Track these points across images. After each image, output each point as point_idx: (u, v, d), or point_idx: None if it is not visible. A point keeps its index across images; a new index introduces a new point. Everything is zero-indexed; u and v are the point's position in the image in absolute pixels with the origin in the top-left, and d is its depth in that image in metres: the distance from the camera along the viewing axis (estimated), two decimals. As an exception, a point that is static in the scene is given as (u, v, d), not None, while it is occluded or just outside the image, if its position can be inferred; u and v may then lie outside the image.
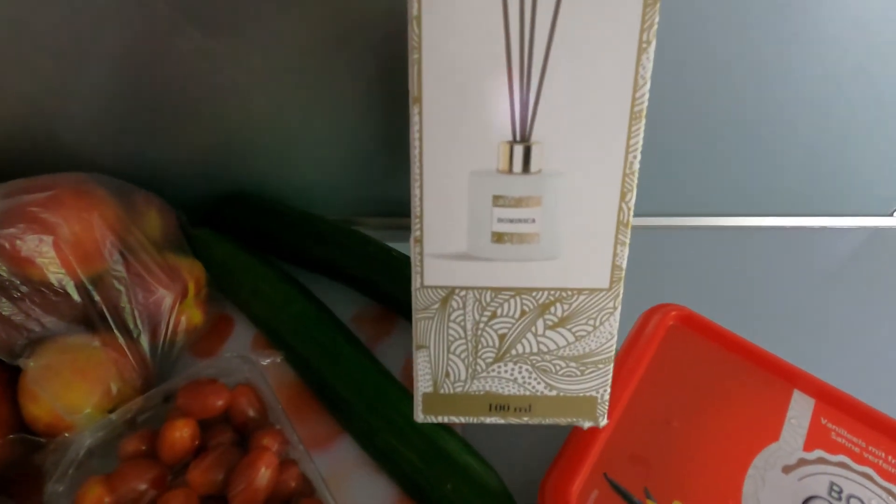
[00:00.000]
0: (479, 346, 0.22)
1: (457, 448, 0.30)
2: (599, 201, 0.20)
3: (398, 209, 0.48)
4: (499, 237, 0.21)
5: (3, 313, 0.28)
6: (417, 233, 0.21)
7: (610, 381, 0.22)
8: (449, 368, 0.23)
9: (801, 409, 0.25)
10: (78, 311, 0.30)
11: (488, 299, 0.21)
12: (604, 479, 0.22)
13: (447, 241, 0.21)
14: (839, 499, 0.22)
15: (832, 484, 0.22)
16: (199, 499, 0.27)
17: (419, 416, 0.25)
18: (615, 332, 0.22)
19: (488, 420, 0.24)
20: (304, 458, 0.29)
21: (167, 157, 0.43)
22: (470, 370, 0.23)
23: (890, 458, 0.23)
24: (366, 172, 0.46)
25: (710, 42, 0.37)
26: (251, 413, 0.31)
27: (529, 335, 0.22)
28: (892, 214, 0.49)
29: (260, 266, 0.38)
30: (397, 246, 0.41)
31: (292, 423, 0.31)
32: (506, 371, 0.23)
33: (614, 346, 0.22)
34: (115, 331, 0.31)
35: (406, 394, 0.33)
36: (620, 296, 0.21)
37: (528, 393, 0.23)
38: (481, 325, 0.22)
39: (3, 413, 0.28)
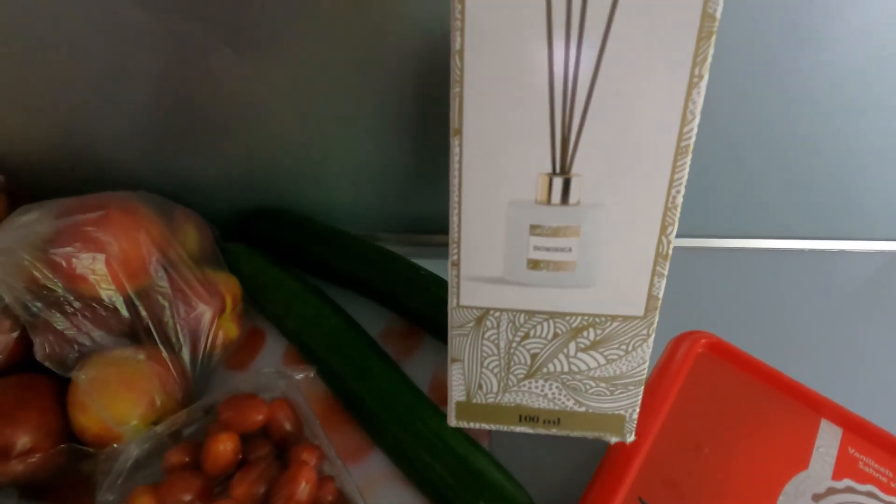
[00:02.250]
0: (512, 363, 0.24)
1: (487, 465, 0.31)
2: (639, 234, 0.20)
3: (423, 226, 0.50)
4: (535, 264, 0.21)
5: (58, 327, 0.29)
6: (455, 257, 0.22)
7: (639, 402, 0.23)
8: (482, 381, 0.25)
9: (828, 438, 0.25)
10: (125, 325, 0.32)
11: (522, 321, 0.23)
12: (639, 502, 0.23)
13: (483, 265, 0.22)
14: (868, 528, 0.23)
15: (861, 513, 0.23)
16: None
17: (452, 422, 0.26)
18: (647, 357, 0.23)
19: (517, 429, 0.26)
20: (341, 473, 0.30)
21: (201, 174, 0.44)
22: (502, 384, 0.25)
23: None
24: (392, 189, 0.47)
25: (737, 71, 0.38)
26: (288, 427, 0.32)
27: (561, 356, 0.23)
28: None
29: (291, 281, 0.39)
30: (420, 261, 0.42)
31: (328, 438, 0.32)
32: (536, 387, 0.24)
33: (646, 370, 0.23)
34: (159, 344, 0.32)
35: (435, 409, 0.34)
36: (655, 324, 0.22)
37: (557, 408, 0.24)
38: (514, 344, 0.23)
39: (54, 423, 0.30)
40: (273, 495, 0.28)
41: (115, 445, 0.29)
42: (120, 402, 0.30)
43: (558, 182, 0.20)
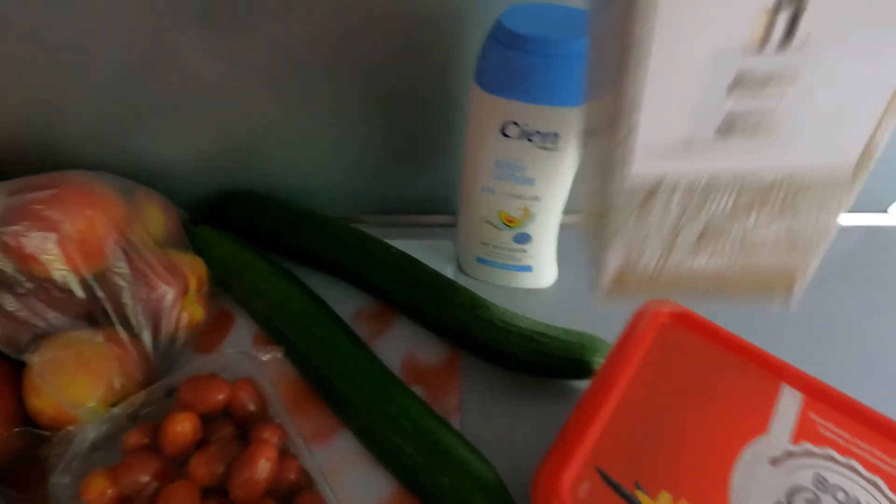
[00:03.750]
0: (679, 236, 0.20)
1: (454, 443, 0.31)
2: (871, 83, 0.16)
3: (398, 207, 0.49)
4: (729, 125, 0.17)
5: (8, 309, 0.29)
6: (628, 124, 0.17)
7: (816, 263, 0.21)
8: (642, 255, 0.21)
9: (789, 402, 0.25)
10: (81, 307, 0.31)
11: (701, 187, 0.19)
12: (595, 471, 0.23)
13: (664, 130, 0.17)
14: (824, 490, 0.22)
15: (818, 475, 0.23)
16: (200, 491, 0.27)
17: (602, 299, 0.23)
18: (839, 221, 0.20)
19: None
20: (303, 452, 0.30)
21: (170, 156, 0.44)
22: (664, 258, 0.21)
23: (875, 451, 0.24)
24: (366, 171, 0.47)
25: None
26: (252, 407, 0.31)
27: (739, 224, 0.20)
28: (886, 211, 0.50)
29: (260, 263, 0.39)
30: (395, 242, 0.42)
31: (292, 418, 0.31)
32: (703, 258, 0.21)
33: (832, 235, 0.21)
34: (118, 326, 0.32)
35: (402, 388, 0.33)
36: (859, 186, 0.19)
37: (721, 276, 0.21)
38: (686, 217, 0.19)
39: (8, 407, 0.29)
40: (232, 474, 0.28)
41: (70, 428, 0.28)
42: (76, 385, 0.30)
43: (784, 19, 0.15)
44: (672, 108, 0.17)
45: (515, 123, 0.30)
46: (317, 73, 0.39)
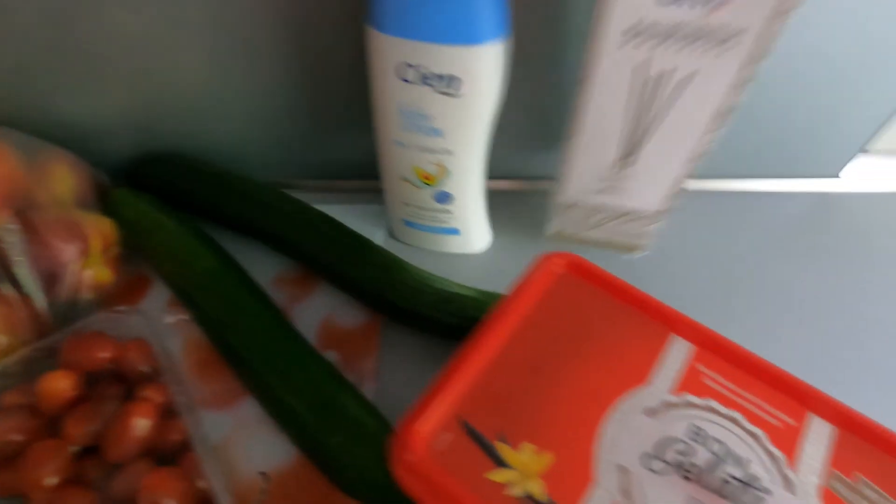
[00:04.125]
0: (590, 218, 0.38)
1: (350, 404, 0.30)
2: (663, 179, 0.34)
3: (333, 172, 0.48)
4: (603, 190, 0.36)
5: None
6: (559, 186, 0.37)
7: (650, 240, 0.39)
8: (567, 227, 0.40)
9: (676, 353, 0.24)
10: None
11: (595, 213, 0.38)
12: (459, 422, 0.21)
13: (578, 183, 0.36)
14: (699, 442, 0.21)
15: (694, 427, 0.21)
16: (74, 450, 0.26)
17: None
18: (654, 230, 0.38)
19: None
20: (192, 414, 0.29)
21: (90, 115, 0.42)
22: (577, 231, 0.40)
23: (763, 403, 0.22)
24: (296, 134, 0.45)
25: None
26: (144, 369, 0.30)
27: (614, 223, 0.38)
28: (838, 176, 0.48)
29: (171, 223, 0.37)
30: (329, 209, 0.40)
31: (197, 382, 0.30)
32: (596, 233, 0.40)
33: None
34: (5, 284, 0.30)
35: (307, 350, 0.32)
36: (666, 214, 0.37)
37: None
38: (593, 222, 0.39)
39: None
40: (106, 430, 0.26)
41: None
42: None
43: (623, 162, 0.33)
44: (580, 182, 0.36)
45: (411, 65, 0.28)
46: (241, 31, 0.37)
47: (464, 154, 0.33)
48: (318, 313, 0.38)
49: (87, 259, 0.34)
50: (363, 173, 0.47)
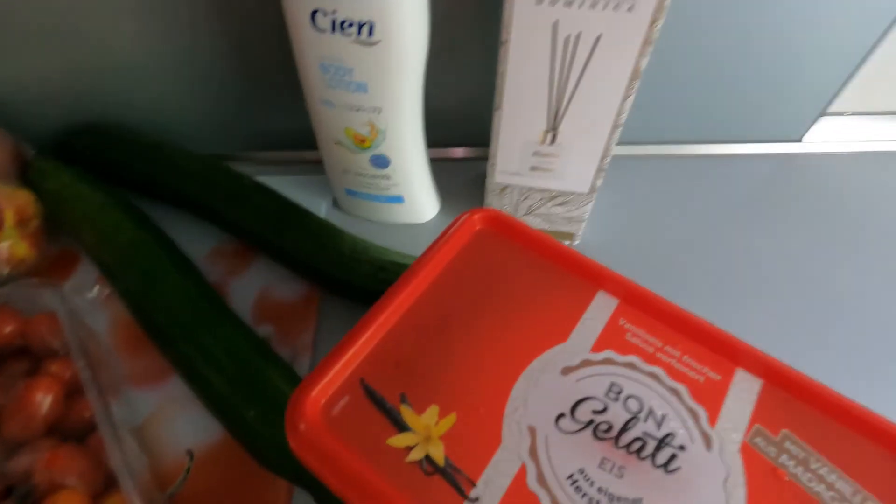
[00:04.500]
0: (518, 208, 0.38)
1: (274, 376, 0.28)
2: (589, 154, 0.32)
3: (274, 143, 0.45)
4: (534, 168, 0.34)
5: None
6: (493, 160, 0.35)
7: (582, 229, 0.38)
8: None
9: (600, 310, 0.22)
10: None
11: (527, 193, 0.36)
12: (359, 384, 0.20)
13: (509, 166, 0.34)
14: (615, 399, 0.20)
15: (612, 384, 0.20)
16: None
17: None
18: (588, 210, 0.36)
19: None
20: (104, 392, 0.27)
21: (10, 82, 0.40)
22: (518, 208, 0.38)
23: (685, 357, 0.21)
24: (231, 104, 0.43)
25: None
26: (53, 344, 0.28)
27: (546, 206, 0.36)
28: (801, 141, 0.47)
29: (93, 194, 0.35)
30: (270, 180, 0.38)
31: (122, 358, 0.29)
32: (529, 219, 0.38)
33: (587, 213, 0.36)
34: None
35: (231, 323, 0.31)
36: (595, 196, 0.35)
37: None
38: (521, 203, 0.37)
39: None
40: (6, 406, 0.25)
41: None
42: None
43: (550, 134, 0.32)
44: (511, 158, 0.34)
45: (324, 13, 0.26)
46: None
47: (394, 112, 0.32)
48: (254, 287, 0.36)
49: (1, 233, 0.32)
50: (306, 143, 0.45)
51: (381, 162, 0.35)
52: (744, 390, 0.20)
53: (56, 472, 0.23)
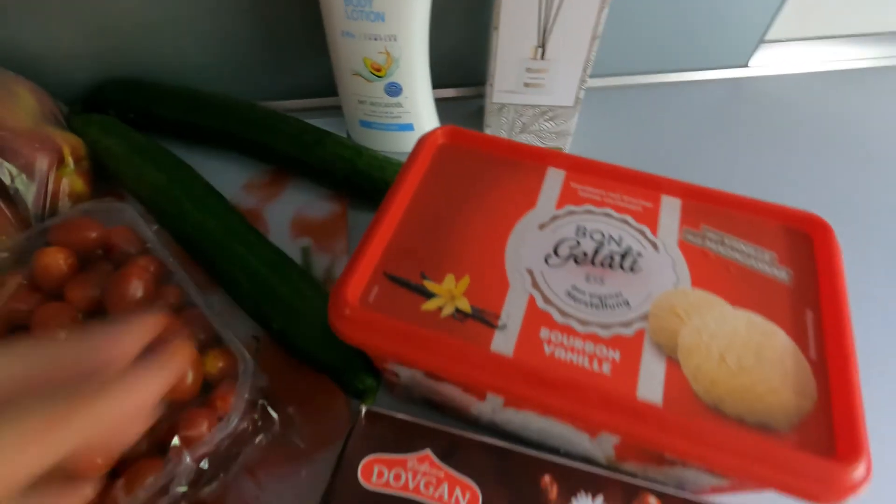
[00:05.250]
0: (514, 127, 0.44)
1: (296, 277, 0.33)
2: (573, 66, 0.38)
3: (289, 93, 0.49)
4: (527, 84, 0.40)
5: None
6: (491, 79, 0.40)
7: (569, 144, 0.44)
8: (501, 129, 0.44)
9: (554, 180, 0.28)
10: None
11: (521, 111, 0.42)
12: (384, 276, 0.25)
13: (504, 86, 0.40)
14: (584, 235, 0.26)
15: (578, 227, 0.26)
16: (78, 313, 0.29)
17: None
18: (574, 122, 0.42)
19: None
20: (183, 280, 0.31)
21: (42, 40, 0.42)
22: (510, 133, 0.44)
23: (624, 197, 0.27)
24: (254, 57, 0.46)
25: None
26: (131, 251, 0.33)
27: (539, 121, 0.42)
28: (748, 65, 0.51)
29: (129, 139, 0.39)
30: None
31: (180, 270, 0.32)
32: (524, 137, 0.45)
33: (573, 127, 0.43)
34: None
35: (259, 240, 0.35)
36: (579, 109, 0.41)
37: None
38: (518, 123, 0.43)
39: None
40: (106, 294, 0.29)
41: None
42: None
43: (540, 49, 0.37)
44: (507, 76, 0.39)
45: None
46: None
47: (407, 39, 0.37)
48: (289, 209, 0.42)
49: (62, 168, 0.37)
50: (320, 91, 0.49)
51: (395, 90, 0.40)
52: (670, 207, 0.27)
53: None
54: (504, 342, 0.23)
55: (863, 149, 0.45)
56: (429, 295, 0.24)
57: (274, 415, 0.28)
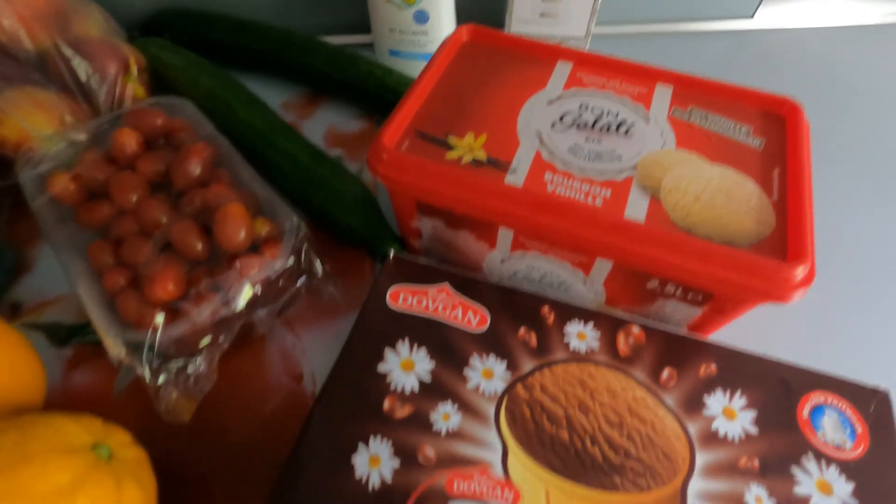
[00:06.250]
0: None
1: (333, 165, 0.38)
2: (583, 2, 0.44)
3: (341, 27, 0.54)
4: (542, 14, 0.45)
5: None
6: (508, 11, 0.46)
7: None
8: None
9: (562, 69, 0.33)
10: (31, 70, 0.38)
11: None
12: (415, 133, 0.29)
13: (522, 13, 0.45)
14: (586, 109, 0.30)
15: (581, 103, 0.30)
16: (147, 183, 0.34)
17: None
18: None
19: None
20: (235, 163, 0.36)
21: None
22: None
23: (623, 83, 0.32)
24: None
25: None
26: (189, 140, 0.37)
27: None
28: (753, 17, 0.54)
29: (184, 56, 0.45)
30: None
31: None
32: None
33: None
34: (69, 83, 0.39)
35: (296, 133, 0.40)
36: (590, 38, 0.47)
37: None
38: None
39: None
40: (171, 168, 0.34)
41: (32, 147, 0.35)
42: (34, 117, 0.37)
43: None
44: (524, 4, 0.44)
45: None
46: None
47: None
48: (323, 124, 0.47)
49: (127, 75, 0.42)
50: (354, 30, 0.53)
51: (422, 17, 0.45)
52: (662, 92, 0.31)
53: (222, 196, 0.32)
54: (514, 180, 0.27)
55: (865, 104, 0.47)
56: (451, 147, 0.29)
57: (316, 260, 0.33)
